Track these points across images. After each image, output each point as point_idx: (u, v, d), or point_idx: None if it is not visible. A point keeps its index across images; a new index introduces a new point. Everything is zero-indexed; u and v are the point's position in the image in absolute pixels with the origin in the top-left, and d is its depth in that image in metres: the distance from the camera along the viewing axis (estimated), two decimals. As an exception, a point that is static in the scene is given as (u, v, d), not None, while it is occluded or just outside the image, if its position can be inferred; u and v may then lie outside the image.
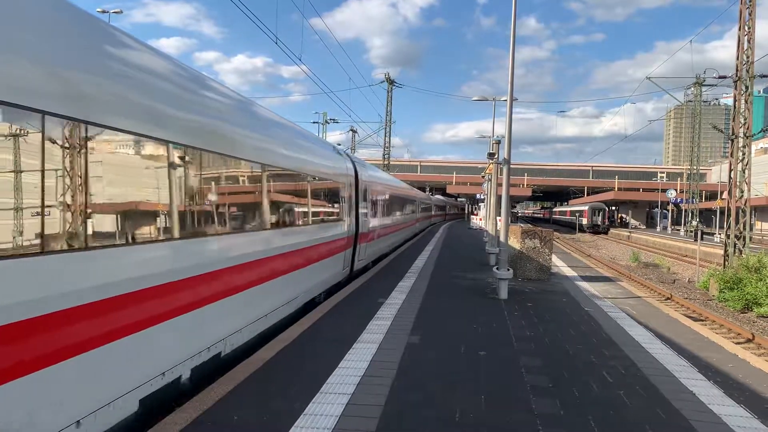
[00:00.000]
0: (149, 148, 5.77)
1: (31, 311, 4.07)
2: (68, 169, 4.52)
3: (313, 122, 66.98)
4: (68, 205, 4.54)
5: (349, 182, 15.35)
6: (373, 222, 19.16)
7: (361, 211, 16.87)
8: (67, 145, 4.49)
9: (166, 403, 6.15)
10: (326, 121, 64.58)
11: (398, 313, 11.08)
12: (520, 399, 6.44)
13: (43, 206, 4.22)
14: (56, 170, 4.40)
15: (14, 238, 4.07)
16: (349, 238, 15.24)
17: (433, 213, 59.36)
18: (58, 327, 4.33)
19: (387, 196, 23.05)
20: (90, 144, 4.76)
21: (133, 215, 5.55)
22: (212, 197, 7.03)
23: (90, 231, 4.78)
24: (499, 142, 18.63)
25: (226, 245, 7.39)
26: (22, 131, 4.09)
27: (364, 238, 17.46)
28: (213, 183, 7.05)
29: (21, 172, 4.11)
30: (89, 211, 4.78)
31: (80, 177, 4.67)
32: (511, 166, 14.75)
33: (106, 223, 5.14)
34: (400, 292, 13.50)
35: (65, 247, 4.47)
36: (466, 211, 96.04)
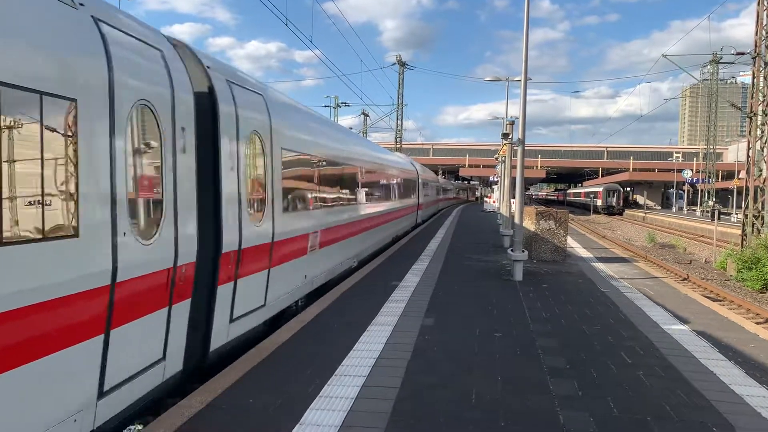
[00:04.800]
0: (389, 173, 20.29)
1: (330, 224, 11.76)
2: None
3: (325, 106, 66.56)
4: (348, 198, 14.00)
5: (414, 177, 28.50)
6: (424, 199, 33.11)
7: (420, 192, 30.58)
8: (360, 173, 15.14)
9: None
10: (338, 105, 64.27)
11: (412, 295, 11.03)
12: (538, 380, 6.37)
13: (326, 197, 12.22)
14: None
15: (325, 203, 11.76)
16: (414, 206, 28.19)
17: (451, 196, 69.78)
18: (332, 232, 11.99)
19: (429, 184, 37.62)
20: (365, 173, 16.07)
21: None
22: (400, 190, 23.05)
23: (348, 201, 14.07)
24: (513, 123, 18.43)
25: (395, 204, 21.56)
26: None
27: (420, 207, 31.18)
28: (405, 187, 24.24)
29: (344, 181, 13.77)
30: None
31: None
32: (525, 147, 14.57)
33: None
34: (414, 275, 13.45)
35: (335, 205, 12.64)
36: (479, 194, 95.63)
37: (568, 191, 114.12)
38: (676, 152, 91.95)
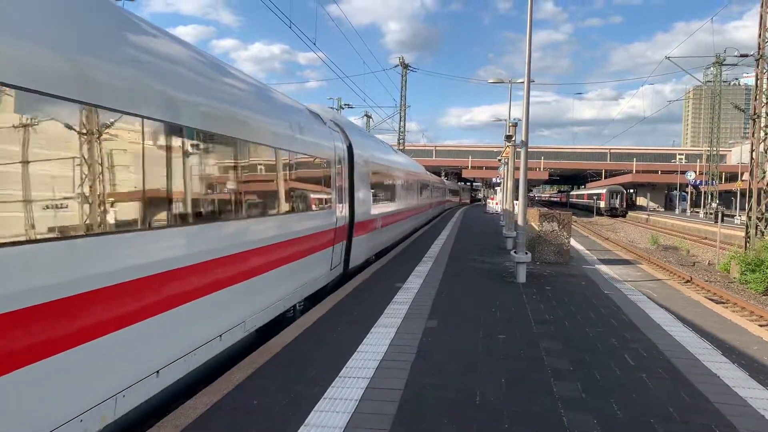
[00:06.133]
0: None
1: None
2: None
3: (328, 107, 66.60)
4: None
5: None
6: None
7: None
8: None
9: None
10: (341, 107, 64.33)
11: (416, 297, 11.04)
12: (541, 382, 6.38)
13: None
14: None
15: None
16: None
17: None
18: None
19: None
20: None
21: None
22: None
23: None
24: (516, 125, 18.45)
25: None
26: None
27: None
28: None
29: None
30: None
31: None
32: (528, 149, 14.58)
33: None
34: (417, 277, 13.46)
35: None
36: (482, 195, 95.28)
37: (571, 193, 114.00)
38: (680, 154, 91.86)
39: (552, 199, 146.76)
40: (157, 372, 5.38)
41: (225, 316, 6.76)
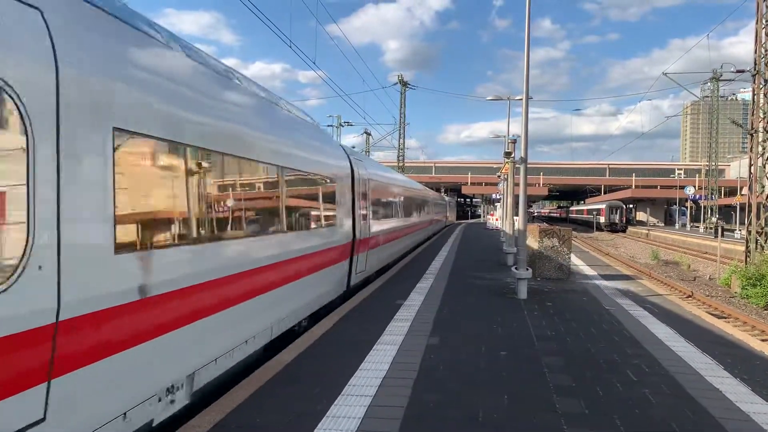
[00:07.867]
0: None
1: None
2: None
3: (328, 125, 66.91)
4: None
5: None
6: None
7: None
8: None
9: None
10: (340, 124, 64.62)
11: (417, 314, 11.05)
12: (544, 399, 6.38)
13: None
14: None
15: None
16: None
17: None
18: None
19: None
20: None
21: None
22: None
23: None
24: (515, 141, 18.55)
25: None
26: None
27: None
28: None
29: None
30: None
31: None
32: (527, 165, 14.66)
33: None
34: (419, 294, 13.47)
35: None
36: (482, 212, 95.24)
37: (571, 208, 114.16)
38: (678, 169, 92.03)
39: (552, 214, 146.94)
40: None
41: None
